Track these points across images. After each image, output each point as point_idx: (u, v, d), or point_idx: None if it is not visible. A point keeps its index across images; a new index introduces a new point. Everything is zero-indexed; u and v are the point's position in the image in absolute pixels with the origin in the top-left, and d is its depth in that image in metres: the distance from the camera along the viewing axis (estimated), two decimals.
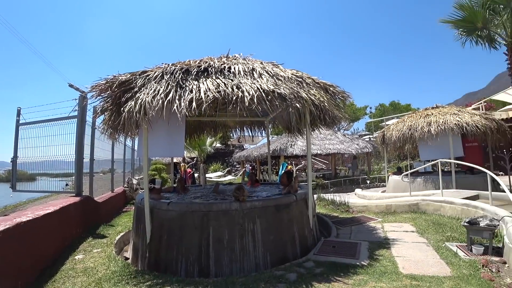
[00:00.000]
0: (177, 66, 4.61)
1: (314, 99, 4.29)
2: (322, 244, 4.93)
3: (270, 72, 4.59)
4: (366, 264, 3.98)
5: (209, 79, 4.25)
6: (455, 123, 9.31)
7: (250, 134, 8.85)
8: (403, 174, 9.61)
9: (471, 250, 4.26)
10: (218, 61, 4.84)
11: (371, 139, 22.53)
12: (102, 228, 6.29)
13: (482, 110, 17.02)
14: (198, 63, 4.76)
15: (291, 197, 4.75)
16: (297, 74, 4.82)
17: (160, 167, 15.91)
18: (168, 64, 4.74)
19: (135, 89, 4.17)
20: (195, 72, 4.45)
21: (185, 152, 19.13)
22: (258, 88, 4.02)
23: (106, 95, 4.51)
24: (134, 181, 10.56)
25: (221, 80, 4.19)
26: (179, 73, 4.40)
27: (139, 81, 4.28)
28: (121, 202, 9.45)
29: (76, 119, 6.21)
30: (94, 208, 6.67)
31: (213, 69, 4.54)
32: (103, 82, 4.37)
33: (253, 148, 20.93)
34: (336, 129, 34.06)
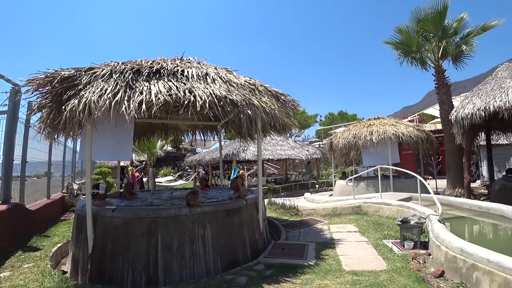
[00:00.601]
0: (127, 65, 4.41)
1: (265, 106, 4.41)
2: (272, 247, 5.06)
3: (224, 78, 4.62)
4: (313, 263, 4.19)
5: (161, 81, 4.15)
6: (393, 133, 10.33)
7: (203, 138, 8.76)
8: (347, 179, 10.31)
9: (403, 246, 4.74)
10: (171, 63, 4.75)
11: (321, 145, 23.78)
12: (35, 240, 5.66)
13: (416, 122, 19.13)
14: (150, 64, 4.62)
15: (242, 202, 4.80)
16: (250, 82, 4.92)
17: (105, 171, 14.89)
18: (118, 63, 4.51)
19: (80, 87, 3.87)
20: (146, 73, 4.31)
21: (133, 155, 18.19)
22: (210, 93, 4.02)
23: (45, 90, 4.11)
24: (75, 186, 9.74)
25: (174, 83, 4.11)
26: (130, 73, 4.21)
27: (84, 78, 3.99)
28: (59, 210, 8.62)
29: (5, 115, 5.56)
30: (26, 217, 5.99)
31: (165, 71, 4.43)
32: (41, 76, 3.97)
33: (206, 152, 20.66)
34: (288, 135, 35.28)
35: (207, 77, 4.49)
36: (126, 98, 3.71)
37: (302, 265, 4.13)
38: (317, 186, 17.66)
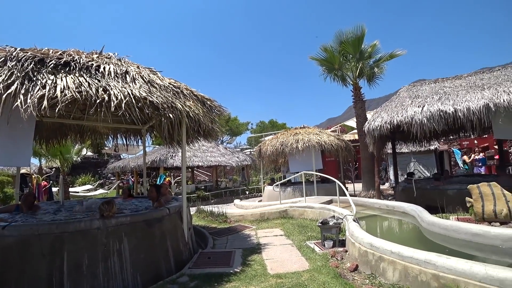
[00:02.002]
0: (28, 53, 3.76)
1: (189, 110, 4.24)
2: (198, 256, 4.85)
3: (146, 78, 4.32)
4: (239, 270, 4.13)
5: (71, 75, 3.65)
6: (317, 142, 11.14)
7: (125, 143, 8.04)
8: (274, 184, 10.66)
9: (324, 245, 5.04)
10: (86, 57, 4.24)
11: (252, 152, 24.25)
12: None
13: (338, 132, 21.02)
14: (60, 54, 4.04)
15: (164, 211, 4.48)
16: (175, 84, 4.69)
17: (3, 180, 12.55)
18: (16, 49, 3.81)
19: None
20: (52, 65, 3.75)
21: (43, 161, 15.78)
22: (128, 93, 3.69)
23: None
24: None
25: (85, 79, 3.66)
26: (31, 63, 3.61)
27: None
28: None
29: None
30: None
31: (77, 65, 3.92)
32: None
33: (131, 158, 19.14)
34: (219, 142, 35.12)
35: (127, 75, 4.13)
36: (23, 91, 3.15)
37: (228, 273, 4.04)
38: (247, 192, 17.89)
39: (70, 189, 15.56)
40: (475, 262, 2.80)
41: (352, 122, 22.77)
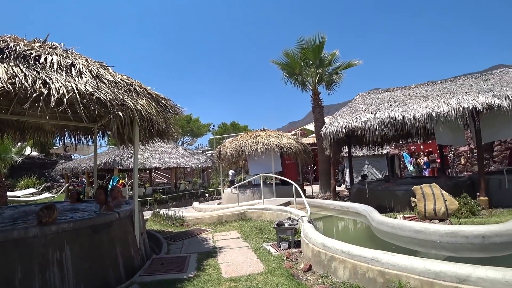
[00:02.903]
0: None
1: (141, 109, 4.01)
2: (150, 263, 4.62)
3: (94, 72, 4.01)
4: (193, 276, 4.00)
5: (4, 64, 3.26)
6: (276, 144, 11.30)
7: (74, 142, 7.43)
8: (232, 186, 10.59)
9: (280, 247, 5.08)
10: (25, 45, 3.82)
11: (213, 154, 23.90)
12: None
13: (299, 136, 21.54)
14: None
15: (113, 216, 4.17)
16: (127, 81, 4.41)
17: None
18: None
19: None
20: None
21: None
22: (73, 88, 3.38)
23: None
24: None
25: (21, 69, 3.29)
26: None
27: None
28: None
29: None
30: None
31: (13, 53, 3.51)
32: None
33: (83, 158, 17.80)
34: (179, 143, 34.19)
35: (73, 68, 3.80)
36: None
37: (181, 278, 3.89)
38: (207, 195, 17.59)
39: (9, 193, 14.01)
40: (415, 257, 3.00)
41: (312, 126, 23.55)
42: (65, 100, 3.18)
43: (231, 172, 16.91)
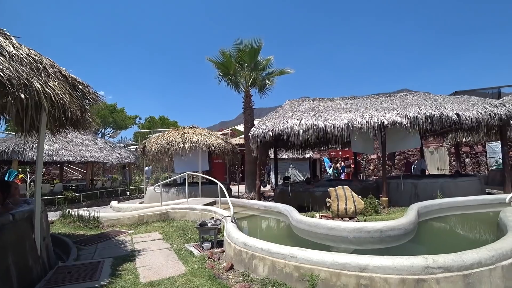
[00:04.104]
0: None
1: (52, 93, 3.48)
2: (54, 272, 4.08)
3: None
4: (106, 283, 3.67)
5: None
6: (204, 143, 11.12)
7: None
8: (155, 185, 10.06)
9: (202, 247, 5.03)
10: None
11: (137, 149, 22.27)
12: None
13: (229, 136, 21.61)
14: None
15: (6, 218, 3.50)
16: (36, 57, 3.76)
17: None
18: None
19: None
20: None
21: None
22: None
23: None
24: None
25: None
26: None
27: None
28: None
29: None
30: None
31: None
32: None
33: None
34: (99, 134, 31.00)
35: None
36: None
37: (93, 287, 3.54)
38: (128, 193, 16.33)
39: None
40: (326, 252, 3.32)
41: (242, 127, 23.97)
42: None
43: (146, 168, 15.95)
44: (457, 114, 8.12)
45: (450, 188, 8.62)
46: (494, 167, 15.45)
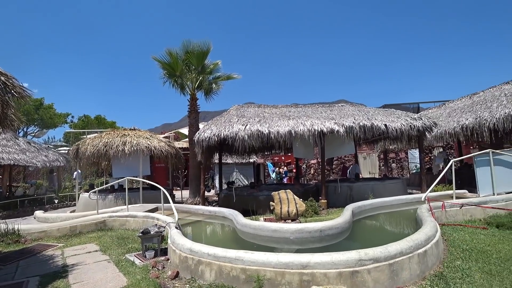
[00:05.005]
0: None
1: None
2: None
3: None
4: None
5: None
6: (146, 146, 10.57)
7: None
8: (91, 191, 9.22)
9: (145, 256, 4.80)
10: None
11: (69, 151, 20.13)
12: None
13: (172, 139, 20.87)
14: None
15: None
16: None
17: None
18: None
19: None
20: None
21: None
22: None
23: None
24: None
25: None
26: None
27: None
28: None
29: None
30: None
31: None
32: None
33: None
34: (20, 133, 27.23)
35: None
36: None
37: None
38: (56, 201, 14.65)
39: None
40: (271, 253, 3.48)
41: (186, 130, 23.43)
42: None
43: (75, 173, 14.59)
44: (385, 125, 9.19)
45: (379, 190, 9.66)
46: (414, 171, 17.80)
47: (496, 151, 7.42)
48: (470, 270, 3.66)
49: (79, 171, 14.32)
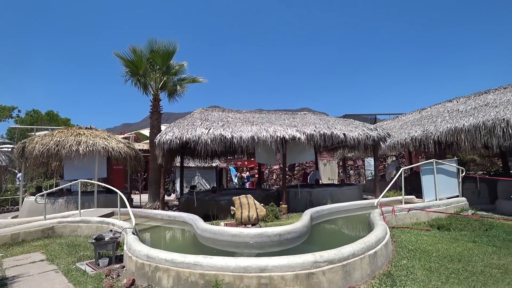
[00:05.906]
0: None
1: None
2: None
3: None
4: None
5: None
6: (103, 147, 9.97)
7: None
8: (38, 194, 8.46)
9: (98, 264, 4.55)
10: None
11: (13, 150, 18.29)
12: None
13: (132, 140, 19.96)
14: None
15: None
16: None
17: None
18: None
19: None
20: None
21: None
22: None
23: None
24: None
25: None
26: None
27: None
28: None
29: None
30: None
31: None
32: None
33: None
34: None
35: None
36: None
37: None
38: None
39: None
40: (229, 257, 3.52)
41: (147, 131, 22.58)
42: None
43: (19, 174, 13.41)
44: (344, 134, 9.71)
45: (337, 195, 10.13)
46: (369, 178, 18.90)
47: (439, 161, 8.21)
48: (414, 268, 4.04)
49: (21, 173, 13.02)
